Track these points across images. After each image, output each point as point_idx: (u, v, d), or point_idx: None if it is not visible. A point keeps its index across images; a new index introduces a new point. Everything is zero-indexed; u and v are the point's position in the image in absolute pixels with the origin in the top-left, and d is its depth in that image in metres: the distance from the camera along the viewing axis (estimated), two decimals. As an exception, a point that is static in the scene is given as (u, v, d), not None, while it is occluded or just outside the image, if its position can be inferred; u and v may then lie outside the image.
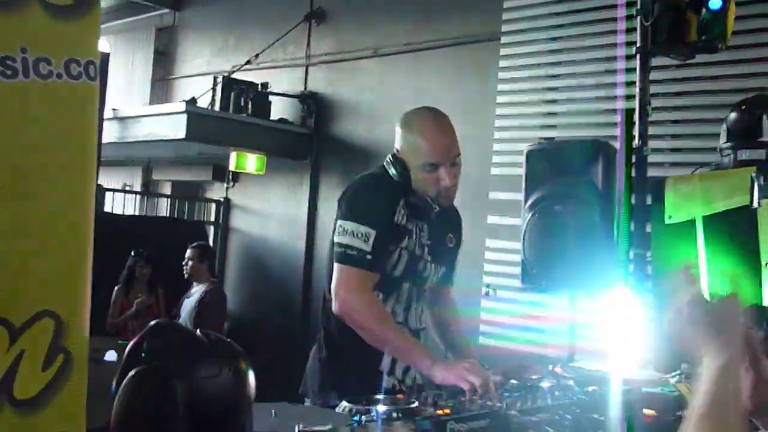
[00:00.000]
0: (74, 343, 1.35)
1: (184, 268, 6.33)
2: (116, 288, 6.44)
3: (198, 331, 1.34)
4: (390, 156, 2.69)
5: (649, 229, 3.38)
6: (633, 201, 3.30)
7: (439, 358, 2.61)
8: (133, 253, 6.52)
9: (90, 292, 1.40)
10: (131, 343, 1.30)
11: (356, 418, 1.83)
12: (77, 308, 1.36)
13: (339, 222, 2.58)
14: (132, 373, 1.20)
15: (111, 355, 3.84)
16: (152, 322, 1.39)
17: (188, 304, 6.25)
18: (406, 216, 2.62)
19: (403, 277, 2.65)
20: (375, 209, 2.58)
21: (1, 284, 1.31)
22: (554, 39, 5.47)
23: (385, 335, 2.49)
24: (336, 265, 2.55)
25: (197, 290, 6.30)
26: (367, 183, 2.71)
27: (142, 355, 1.24)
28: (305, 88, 7.51)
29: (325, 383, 2.62)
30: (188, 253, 6.35)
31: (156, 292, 6.59)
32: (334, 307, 2.54)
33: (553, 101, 5.47)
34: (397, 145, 2.69)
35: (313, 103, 7.39)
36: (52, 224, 1.34)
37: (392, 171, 2.64)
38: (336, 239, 2.57)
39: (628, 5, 4.55)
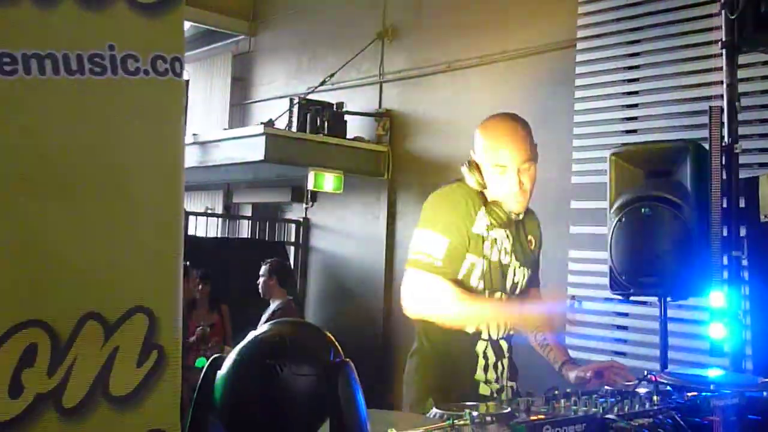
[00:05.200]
0: (167, 340, 1.36)
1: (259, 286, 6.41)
2: None
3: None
4: (466, 162, 2.72)
5: (743, 231, 3.25)
6: (725, 203, 3.19)
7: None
8: (193, 273, 6.57)
9: (181, 291, 1.40)
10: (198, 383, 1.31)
11: (449, 421, 1.79)
12: (169, 305, 1.37)
13: (416, 231, 2.64)
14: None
15: (200, 362, 3.89)
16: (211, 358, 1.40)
17: (262, 320, 6.28)
18: (487, 224, 2.64)
19: (486, 286, 2.66)
20: (449, 218, 2.62)
21: (95, 280, 1.33)
22: (631, 42, 5.35)
23: (454, 307, 2.54)
24: (407, 270, 2.61)
25: (272, 307, 6.34)
26: (444, 193, 2.74)
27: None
28: (380, 106, 7.54)
29: (421, 394, 2.62)
30: (261, 270, 6.42)
31: (219, 309, 6.64)
32: (405, 310, 2.60)
33: (633, 106, 5.34)
34: (473, 148, 2.75)
35: (388, 120, 7.41)
36: (143, 220, 1.36)
37: (469, 179, 2.67)
38: (411, 247, 2.62)
39: (711, 1, 4.44)
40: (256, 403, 1.20)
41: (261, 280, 6.39)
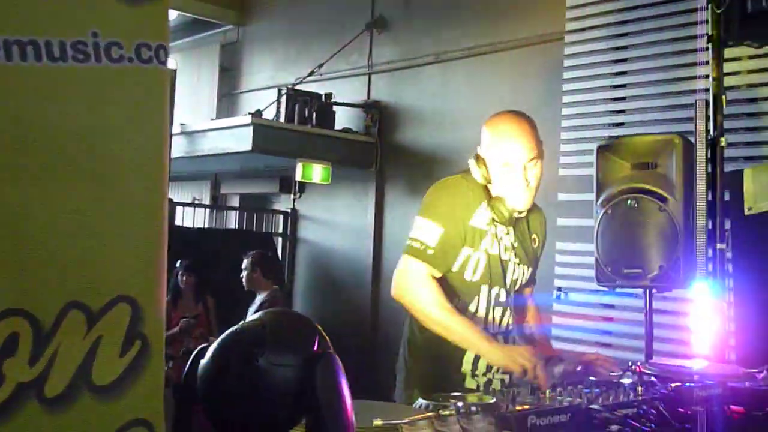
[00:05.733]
0: (151, 330, 1.35)
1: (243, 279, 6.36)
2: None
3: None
4: (474, 155, 2.72)
5: (728, 224, 3.27)
6: (710, 195, 3.20)
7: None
8: (177, 264, 6.53)
9: (165, 280, 1.40)
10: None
11: (434, 411, 1.80)
12: (153, 294, 1.36)
13: (416, 218, 2.65)
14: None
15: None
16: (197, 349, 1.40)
17: (249, 313, 6.25)
18: (489, 218, 2.65)
19: (482, 280, 2.66)
20: (447, 208, 2.63)
21: (78, 267, 1.32)
22: (619, 35, 5.36)
23: (438, 319, 2.52)
24: (402, 257, 2.61)
25: (258, 299, 6.30)
26: (446, 183, 2.75)
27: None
28: (368, 97, 7.53)
29: (410, 385, 2.63)
30: (243, 263, 6.37)
31: (205, 301, 6.61)
32: (392, 292, 2.60)
33: (621, 99, 5.36)
34: (480, 144, 2.75)
35: (376, 112, 7.41)
36: (127, 209, 1.35)
37: (475, 172, 2.68)
38: (409, 234, 2.62)
39: (698, -6, 4.45)
40: (235, 392, 1.20)
41: (244, 273, 6.34)
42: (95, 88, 1.33)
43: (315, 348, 1.26)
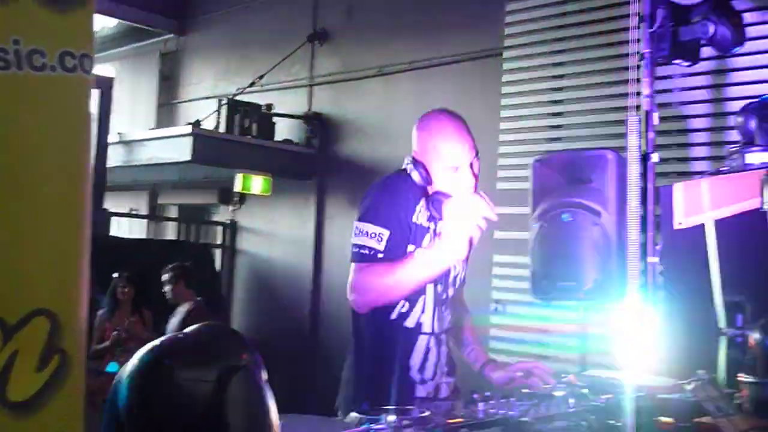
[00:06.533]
0: (71, 344, 1.31)
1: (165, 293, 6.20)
2: (99, 313, 6.14)
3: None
4: (409, 158, 2.69)
5: (659, 238, 3.34)
6: (642, 210, 3.26)
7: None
8: (114, 275, 6.34)
9: (87, 292, 1.36)
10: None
11: (366, 425, 1.79)
12: (73, 308, 1.32)
13: (355, 223, 2.60)
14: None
15: (113, 366, 3.79)
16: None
17: (172, 325, 6.07)
18: (427, 216, 2.63)
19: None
20: (389, 209, 2.59)
21: None
22: (557, 52, 5.46)
23: (397, 277, 2.49)
24: (351, 265, 2.56)
25: (180, 310, 6.14)
26: (383, 184, 2.72)
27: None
28: (309, 109, 7.52)
29: (359, 395, 2.59)
30: (163, 277, 6.24)
31: (141, 313, 6.46)
32: (352, 302, 2.55)
33: (558, 114, 5.45)
34: (415, 146, 2.70)
35: (317, 124, 7.40)
36: (46, 220, 1.31)
37: (414, 173, 2.65)
38: (352, 240, 2.58)
39: (632, 14, 4.55)
40: (150, 409, 1.17)
41: (167, 287, 6.14)
42: (15, 96, 1.30)
43: (239, 361, 1.22)
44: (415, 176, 2.64)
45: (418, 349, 2.63)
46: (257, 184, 7.14)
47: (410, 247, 2.60)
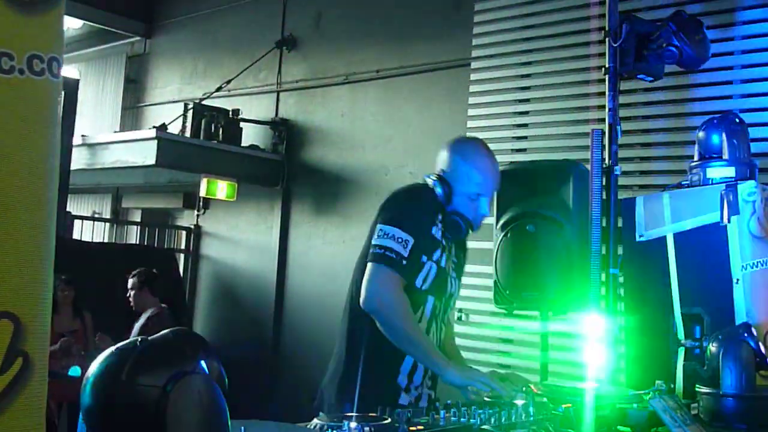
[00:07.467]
0: (33, 347, 1.30)
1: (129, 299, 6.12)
2: None
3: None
4: (435, 175, 2.77)
5: (620, 249, 3.39)
6: (604, 222, 3.31)
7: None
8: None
9: (51, 295, 1.35)
10: None
11: (327, 432, 1.79)
12: (36, 310, 1.31)
13: (380, 226, 2.63)
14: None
15: (75, 371, 3.74)
16: None
17: (134, 330, 5.98)
18: (441, 231, 2.72)
19: (429, 290, 2.70)
20: (416, 218, 2.66)
21: None
22: (524, 64, 5.52)
23: (411, 334, 2.56)
24: (371, 265, 2.58)
25: (144, 316, 6.07)
26: (412, 192, 2.79)
27: None
28: (276, 115, 7.51)
29: (343, 398, 2.60)
30: (128, 283, 6.17)
31: (82, 316, 6.34)
32: (363, 301, 2.56)
33: (524, 125, 5.51)
34: (445, 167, 2.79)
35: (284, 130, 7.39)
36: (10, 223, 1.30)
37: (438, 189, 2.74)
38: (375, 242, 2.60)
39: (598, 29, 4.63)
40: (105, 412, 1.16)
41: (132, 293, 6.06)
42: None
43: (185, 368, 1.21)
44: (439, 192, 2.73)
45: (406, 357, 2.66)
46: (222, 189, 7.11)
47: (423, 257, 2.65)
